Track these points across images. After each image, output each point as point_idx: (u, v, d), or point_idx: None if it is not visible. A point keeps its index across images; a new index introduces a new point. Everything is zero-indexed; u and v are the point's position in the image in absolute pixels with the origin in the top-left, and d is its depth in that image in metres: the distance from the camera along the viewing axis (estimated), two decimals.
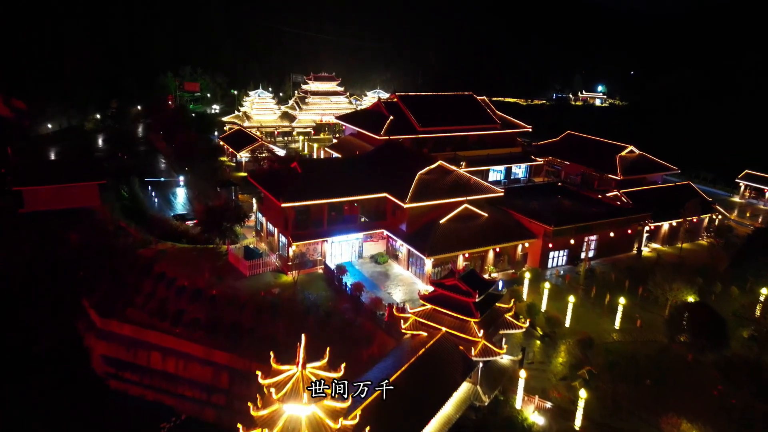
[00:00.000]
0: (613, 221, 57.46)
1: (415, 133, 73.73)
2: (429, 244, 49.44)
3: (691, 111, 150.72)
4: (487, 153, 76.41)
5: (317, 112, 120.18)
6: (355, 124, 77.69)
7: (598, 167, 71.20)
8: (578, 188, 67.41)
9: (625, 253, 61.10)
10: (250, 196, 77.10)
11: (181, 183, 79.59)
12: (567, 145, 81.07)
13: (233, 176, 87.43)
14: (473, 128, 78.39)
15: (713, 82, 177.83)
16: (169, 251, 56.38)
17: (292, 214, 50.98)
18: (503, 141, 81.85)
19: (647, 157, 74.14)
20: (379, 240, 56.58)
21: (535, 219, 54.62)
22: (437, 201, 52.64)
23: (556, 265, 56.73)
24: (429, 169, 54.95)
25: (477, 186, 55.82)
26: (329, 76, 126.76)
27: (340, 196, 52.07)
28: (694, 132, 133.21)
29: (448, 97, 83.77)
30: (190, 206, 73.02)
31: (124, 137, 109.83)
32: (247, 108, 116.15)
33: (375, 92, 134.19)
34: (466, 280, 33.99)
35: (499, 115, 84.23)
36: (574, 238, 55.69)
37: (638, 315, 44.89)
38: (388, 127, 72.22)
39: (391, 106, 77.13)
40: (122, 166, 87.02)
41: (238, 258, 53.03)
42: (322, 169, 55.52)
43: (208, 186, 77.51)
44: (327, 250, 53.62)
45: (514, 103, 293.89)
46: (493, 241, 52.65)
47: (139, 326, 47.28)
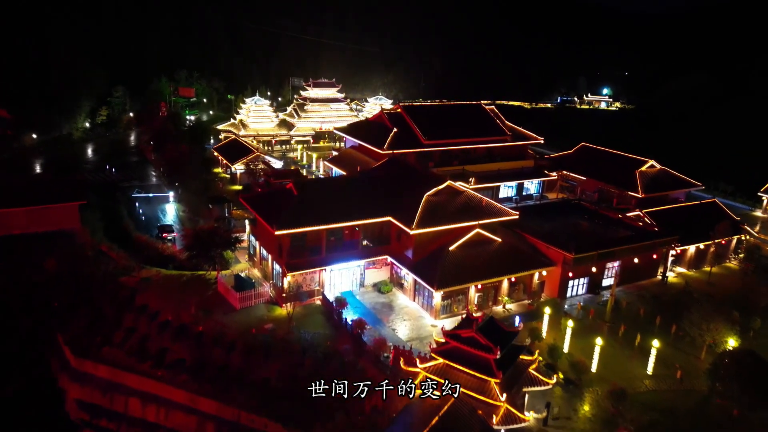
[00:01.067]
0: (637, 246, 53.07)
1: (420, 146, 69.52)
2: (438, 275, 45.14)
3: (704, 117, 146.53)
4: (498, 168, 72.12)
5: (316, 120, 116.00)
6: (357, 137, 73.49)
7: (616, 183, 66.89)
8: (596, 206, 63.06)
9: (649, 278, 56.84)
10: (245, 212, 72.91)
11: (171, 199, 75.32)
12: (582, 159, 76.77)
13: (227, 189, 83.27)
14: (482, 140, 74.19)
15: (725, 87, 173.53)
16: (154, 279, 52.13)
17: (287, 241, 46.73)
18: (513, 153, 77.65)
19: (669, 172, 69.85)
20: (382, 266, 52.32)
21: (554, 245, 50.31)
22: (446, 226, 48.37)
23: (576, 294, 52.43)
24: (437, 190, 50.72)
25: (489, 208, 51.53)
26: (329, 82, 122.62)
27: (340, 221, 47.81)
28: (708, 139, 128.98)
29: (454, 107, 79.65)
30: (179, 224, 68.69)
31: (114, 147, 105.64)
32: (243, 116, 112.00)
33: (377, 99, 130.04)
34: (485, 332, 29.70)
35: (508, 126, 80.00)
36: (595, 266, 51.35)
37: (678, 365, 40.26)
38: (391, 140, 68.00)
39: (394, 117, 72.94)
40: (109, 181, 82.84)
41: (227, 288, 48.79)
42: (319, 190, 51.27)
43: (200, 202, 73.25)
44: (325, 279, 49.37)
45: (519, 106, 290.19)
46: (507, 270, 48.34)
47: (117, 368, 42.93)
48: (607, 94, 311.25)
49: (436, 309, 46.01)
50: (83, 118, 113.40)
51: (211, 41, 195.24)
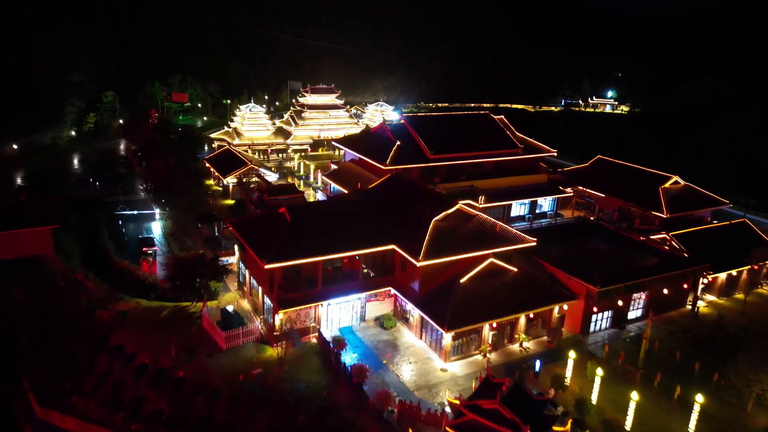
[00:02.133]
0: (668, 276, 48.43)
1: (425, 161, 64.98)
2: (448, 314, 40.52)
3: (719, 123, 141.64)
4: (508, 184, 67.56)
5: (315, 127, 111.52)
6: (357, 150, 68.94)
7: (638, 202, 62.29)
8: (617, 227, 58.43)
9: (678, 309, 52.29)
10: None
11: (157, 217, 70.74)
12: (598, 173, 72.19)
13: (219, 204, 78.74)
14: (491, 154, 69.69)
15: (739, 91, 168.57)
16: (132, 313, 47.55)
17: (278, 275, 42.13)
18: (525, 167, 73.14)
19: (694, 189, 65.23)
20: (385, 298, 47.74)
21: (576, 276, 45.70)
22: (457, 256, 43.72)
23: (600, 328, 47.83)
24: (446, 214, 46.15)
25: (504, 234, 46.90)
26: (328, 88, 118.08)
27: (338, 251, 43.21)
28: (724, 148, 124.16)
29: (461, 118, 75.16)
30: (166, 246, 64.16)
31: (102, 158, 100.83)
32: (238, 123, 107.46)
33: (378, 105, 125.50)
34: (511, 404, 25.09)
35: (519, 138, 75.48)
36: (622, 298, 46.74)
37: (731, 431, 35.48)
38: (394, 154, 63.46)
39: (397, 128, 68.42)
40: (92, 196, 78.16)
41: (213, 325, 44.18)
42: (315, 214, 46.66)
43: (188, 220, 68.72)
44: (322, 314, 44.77)
45: (522, 110, 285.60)
46: (526, 306, 43.72)
47: (86, 421, 38.28)
48: (612, 97, 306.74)
49: (446, 350, 41.39)
50: (69, 126, 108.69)
51: (206, 44, 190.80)
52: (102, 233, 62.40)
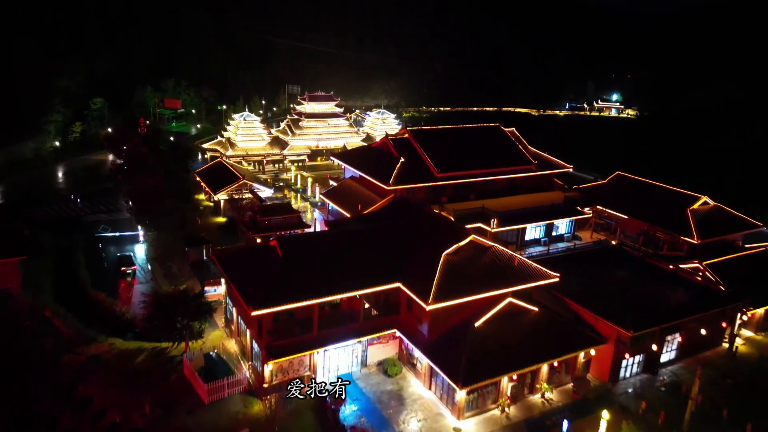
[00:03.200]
0: (706, 315, 43.60)
1: (432, 179, 60.19)
2: (462, 367, 35.67)
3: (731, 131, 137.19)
4: (522, 203, 62.74)
5: (313, 137, 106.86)
6: (358, 167, 64.16)
7: (665, 225, 57.47)
8: (642, 254, 53.62)
9: (713, 348, 47.48)
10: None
11: (141, 239, 65.93)
12: (618, 191, 67.37)
13: (209, 222, 73.99)
14: (503, 171, 64.87)
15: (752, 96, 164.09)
16: (105, 357, 42.68)
17: (268, 319, 37.31)
18: (539, 184, 68.38)
19: (724, 210, 60.37)
20: (389, 340, 42.86)
21: (604, 317, 40.88)
22: (471, 297, 38.86)
23: (630, 374, 42.96)
24: (458, 247, 41.33)
25: (523, 270, 42.07)
26: (326, 95, 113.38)
27: (336, 292, 38.39)
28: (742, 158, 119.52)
29: (470, 131, 70.38)
30: (150, 273, 59.35)
31: (87, 171, 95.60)
32: (231, 133, 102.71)
33: (379, 113, 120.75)
34: None
35: (532, 152, 70.72)
36: (656, 342, 41.89)
37: None
38: (398, 173, 58.67)
39: (401, 144, 63.63)
40: (72, 215, 73.22)
41: (194, 375, 39.29)
42: (310, 247, 41.81)
43: (175, 242, 64.01)
44: (318, 361, 39.92)
45: (526, 113, 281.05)
46: (549, 353, 38.90)
47: None
48: (617, 101, 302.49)
49: (460, 406, 36.52)
50: (53, 136, 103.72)
51: (202, 47, 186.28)
52: (79, 260, 57.54)
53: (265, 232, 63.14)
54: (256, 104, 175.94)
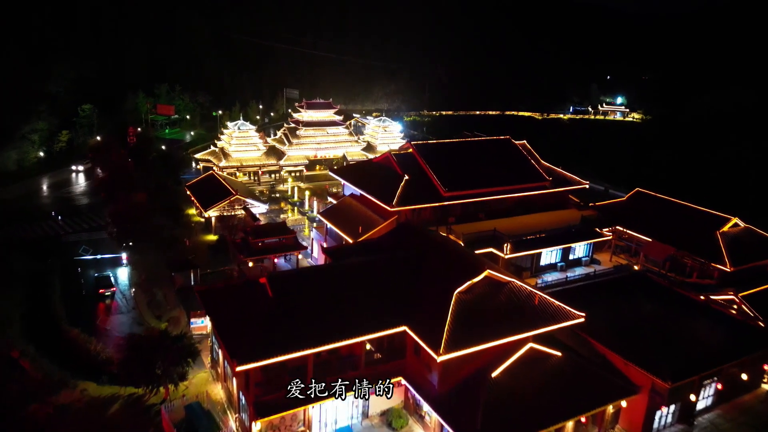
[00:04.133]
0: (747, 360, 39.29)
1: (438, 199, 55.88)
2: (478, 427, 31.27)
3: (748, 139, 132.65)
4: (536, 224, 58.23)
5: (311, 146, 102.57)
6: (359, 184, 59.82)
7: (693, 249, 53.02)
8: (670, 282, 49.23)
9: (752, 391, 43.23)
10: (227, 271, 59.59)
11: (124, 262, 61.58)
12: (638, 209, 62.94)
13: (200, 240, 69.76)
14: (515, 188, 60.54)
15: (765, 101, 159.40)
16: (75, 407, 38.37)
17: (256, 371, 32.96)
18: (553, 202, 64.14)
19: (756, 232, 55.90)
20: (395, 387, 38.39)
21: (639, 364, 36.53)
22: (487, 345, 34.52)
23: (663, 425, 38.67)
24: (471, 284, 36.97)
25: (544, 309, 37.73)
26: (325, 102, 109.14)
27: (333, 340, 34.07)
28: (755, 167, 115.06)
29: (478, 145, 66.11)
30: (133, 300, 55.05)
31: (72, 183, 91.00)
32: (225, 143, 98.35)
33: (380, 121, 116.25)
34: None
35: (545, 167, 66.44)
36: (694, 391, 37.55)
37: None
38: (402, 192, 54.34)
39: (405, 159, 59.31)
40: (51, 235, 68.77)
41: (173, 430, 34.93)
42: (305, 286, 37.42)
43: (161, 266, 59.71)
44: (314, 415, 35.62)
45: (529, 117, 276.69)
46: (575, 408, 34.59)
47: None
48: (621, 104, 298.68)
49: None
50: (37, 146, 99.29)
51: (197, 51, 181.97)
52: (54, 288, 53.17)
53: (258, 254, 59.00)
54: (253, 109, 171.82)
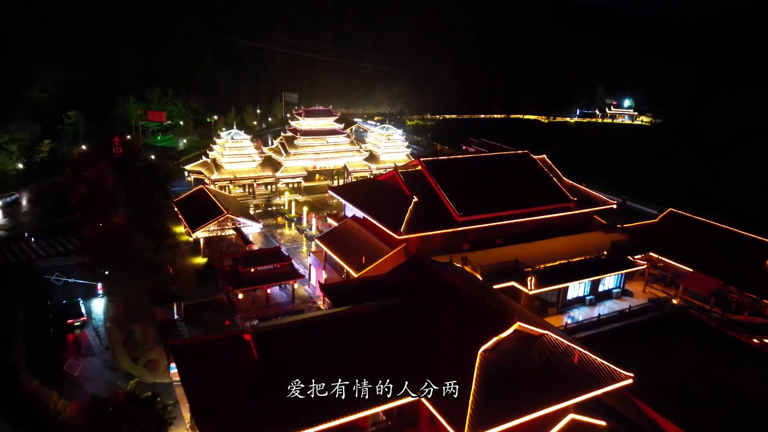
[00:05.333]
0: None
1: (451, 224, 50.17)
2: None
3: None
4: (560, 250, 52.34)
5: (309, 156, 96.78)
6: (362, 207, 54.05)
7: (740, 283, 47.23)
8: (717, 323, 43.33)
9: None
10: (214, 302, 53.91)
11: (100, 292, 55.76)
12: (673, 233, 57.08)
13: (187, 264, 64.06)
14: (536, 211, 54.75)
15: None
16: None
17: None
18: (577, 224, 58.41)
19: None
20: None
21: None
22: (521, 419, 28.63)
23: None
24: (498, 340, 31.07)
25: (585, 368, 31.87)
26: (325, 109, 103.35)
27: (332, 417, 28.09)
28: None
29: (494, 160, 60.41)
30: (107, 338, 49.29)
31: (54, 198, 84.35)
32: (217, 153, 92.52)
33: (383, 129, 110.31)
34: None
35: (567, 184, 60.68)
36: None
37: None
38: (411, 217, 48.60)
39: (413, 178, 53.57)
40: (21, 261, 62.80)
41: None
42: (297, 341, 31.50)
43: (140, 298, 53.87)
44: None
45: (535, 120, 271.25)
46: None
47: None
48: (630, 106, 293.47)
49: None
50: (17, 157, 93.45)
51: (191, 53, 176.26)
52: (15, 328, 47.29)
53: (248, 285, 53.26)
54: (250, 115, 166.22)
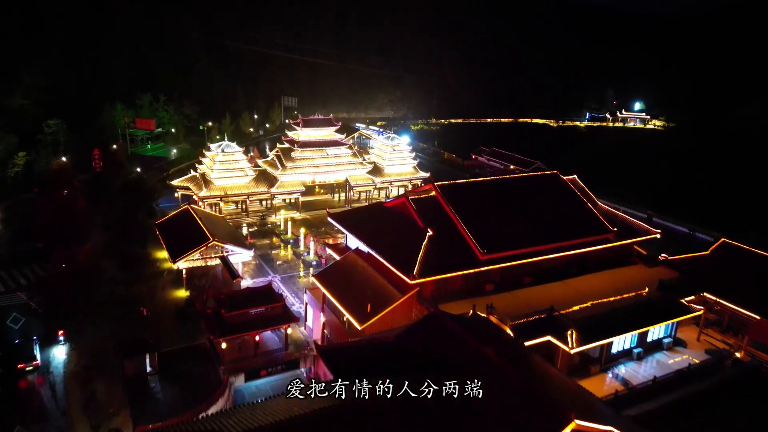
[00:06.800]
0: None
1: (474, 264, 42.77)
2: None
3: None
4: (600, 294, 44.74)
5: (308, 170, 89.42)
6: (367, 240, 46.62)
7: None
8: None
9: None
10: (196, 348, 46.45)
11: (61, 338, 48.40)
12: (728, 268, 49.65)
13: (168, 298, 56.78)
14: (570, 244, 47.29)
15: None
16: None
17: None
18: (615, 256, 50.91)
19: None
20: None
21: None
22: None
23: None
24: None
25: None
26: (325, 119, 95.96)
27: None
28: None
29: (518, 183, 52.89)
30: (65, 399, 42.01)
31: (24, 220, 76.35)
32: (206, 168, 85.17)
33: (389, 138, 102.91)
34: None
35: (603, 210, 53.20)
36: None
37: None
38: (425, 255, 41.23)
39: (426, 207, 46.14)
40: None
41: None
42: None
43: (108, 345, 46.60)
44: None
45: (544, 125, 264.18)
46: None
47: None
48: (640, 110, 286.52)
49: None
50: None
51: (185, 56, 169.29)
52: None
53: (233, 333, 45.69)
54: (246, 121, 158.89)
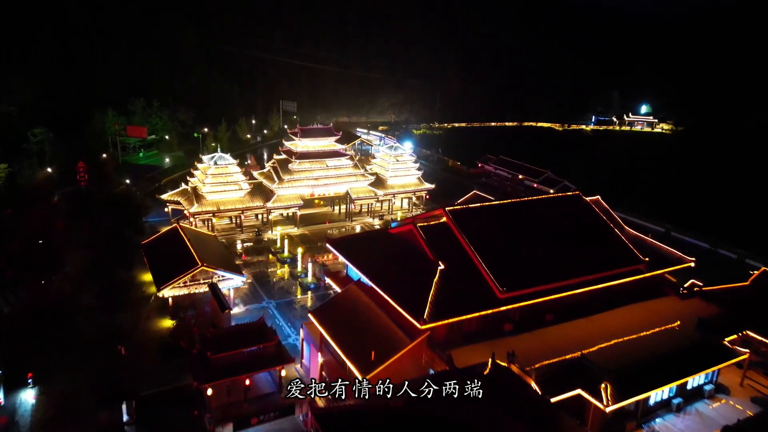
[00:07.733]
0: None
1: (492, 303, 38.03)
2: None
3: None
4: (631, 332, 39.96)
5: (306, 182, 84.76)
6: (370, 274, 41.85)
7: None
8: None
9: None
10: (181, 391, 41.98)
11: (29, 381, 43.76)
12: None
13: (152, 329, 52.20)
14: (598, 277, 42.53)
15: None
16: None
17: None
18: (646, 288, 46.17)
19: None
20: None
21: None
22: None
23: None
24: None
25: None
26: (324, 128, 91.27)
27: None
28: None
29: (537, 207, 48.02)
30: None
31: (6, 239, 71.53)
32: (198, 182, 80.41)
33: (391, 149, 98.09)
34: None
35: (631, 235, 48.48)
36: None
37: None
38: (436, 295, 36.47)
39: (436, 235, 41.40)
40: None
41: None
42: None
43: (79, 392, 41.93)
44: None
45: (549, 128, 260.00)
46: None
47: None
48: (647, 113, 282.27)
49: None
50: None
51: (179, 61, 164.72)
52: None
53: (221, 377, 41.11)
54: (243, 127, 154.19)
